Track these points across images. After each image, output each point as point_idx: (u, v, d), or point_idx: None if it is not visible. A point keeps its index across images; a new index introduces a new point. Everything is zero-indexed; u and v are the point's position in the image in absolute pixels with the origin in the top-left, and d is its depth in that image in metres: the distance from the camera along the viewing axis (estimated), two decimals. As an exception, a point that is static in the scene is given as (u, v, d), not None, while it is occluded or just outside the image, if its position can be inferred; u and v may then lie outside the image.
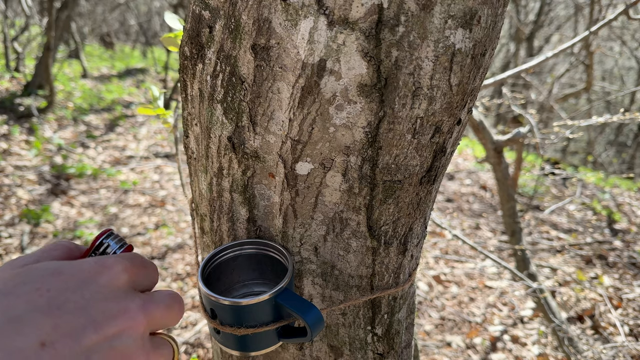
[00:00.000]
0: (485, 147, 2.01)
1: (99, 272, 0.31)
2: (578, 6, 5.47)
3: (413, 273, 0.56)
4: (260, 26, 0.40)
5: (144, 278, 0.35)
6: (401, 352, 0.60)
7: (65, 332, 0.27)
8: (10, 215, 3.00)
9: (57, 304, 0.28)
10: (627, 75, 9.11)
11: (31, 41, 6.84)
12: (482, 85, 1.01)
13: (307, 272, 0.53)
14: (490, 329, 2.42)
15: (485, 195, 4.15)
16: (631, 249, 3.23)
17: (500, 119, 6.87)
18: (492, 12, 0.40)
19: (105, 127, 5.04)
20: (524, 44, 7.37)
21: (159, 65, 8.89)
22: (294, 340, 0.49)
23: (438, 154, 0.46)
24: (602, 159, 7.83)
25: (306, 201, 0.47)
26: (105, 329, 0.29)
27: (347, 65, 0.39)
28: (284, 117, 0.43)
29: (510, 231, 2.19)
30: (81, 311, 0.28)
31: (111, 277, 0.31)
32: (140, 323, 0.31)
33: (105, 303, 0.30)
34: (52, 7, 4.84)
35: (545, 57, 1.53)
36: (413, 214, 0.50)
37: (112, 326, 0.29)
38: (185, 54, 0.52)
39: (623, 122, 1.75)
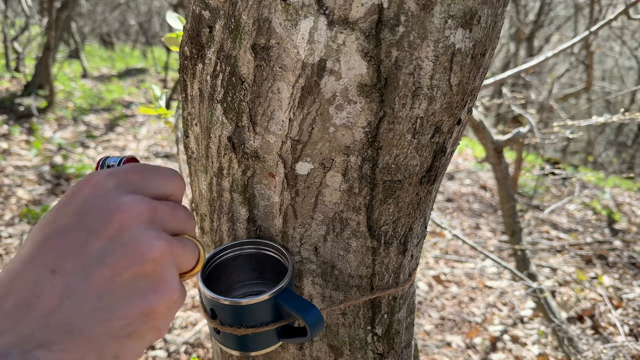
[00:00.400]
0: (485, 147, 2.01)
1: (83, 185, 0.31)
2: (578, 6, 5.47)
3: (413, 273, 0.56)
4: (260, 26, 0.40)
5: (141, 181, 0.32)
6: (401, 352, 0.60)
7: (69, 252, 0.28)
8: (10, 215, 3.00)
9: (57, 232, 0.29)
10: (627, 75, 9.10)
11: (31, 41, 6.84)
12: (482, 85, 1.01)
13: (307, 272, 0.53)
14: (490, 328, 2.42)
15: (485, 195, 4.15)
16: (631, 249, 3.23)
17: (500, 118, 6.87)
18: (492, 12, 0.40)
19: (105, 127, 5.04)
20: (524, 44, 7.37)
21: (159, 65, 8.89)
22: (294, 340, 0.49)
23: (438, 154, 0.46)
24: (602, 158, 7.83)
25: (306, 201, 0.47)
26: (104, 230, 0.29)
27: (347, 65, 0.39)
28: (284, 117, 0.43)
29: (510, 231, 2.19)
30: (76, 227, 0.29)
31: (96, 185, 0.30)
32: (140, 211, 0.30)
33: (96, 208, 0.29)
34: (52, 7, 4.84)
35: (545, 57, 1.53)
36: (413, 214, 0.50)
37: (110, 225, 0.29)
38: (185, 54, 0.52)
39: (623, 122, 1.75)
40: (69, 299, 0.27)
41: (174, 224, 0.32)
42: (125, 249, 0.28)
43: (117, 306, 0.28)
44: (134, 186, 0.31)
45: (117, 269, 0.28)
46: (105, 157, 0.38)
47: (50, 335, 0.26)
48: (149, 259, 0.29)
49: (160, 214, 0.31)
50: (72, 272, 0.27)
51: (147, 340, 0.30)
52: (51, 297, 0.26)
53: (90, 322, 0.27)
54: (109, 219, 0.29)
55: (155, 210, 0.31)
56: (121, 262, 0.28)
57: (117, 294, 0.28)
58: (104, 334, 0.27)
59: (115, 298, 0.28)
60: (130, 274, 0.28)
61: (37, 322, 0.26)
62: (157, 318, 0.30)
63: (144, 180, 0.32)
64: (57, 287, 0.27)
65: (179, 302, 0.31)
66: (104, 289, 0.28)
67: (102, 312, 0.27)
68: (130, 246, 0.29)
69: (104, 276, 0.28)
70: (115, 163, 0.37)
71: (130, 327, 0.28)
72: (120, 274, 0.28)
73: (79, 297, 0.27)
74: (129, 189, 0.31)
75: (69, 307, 0.27)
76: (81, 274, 0.27)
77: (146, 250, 0.29)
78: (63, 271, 0.27)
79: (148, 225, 0.30)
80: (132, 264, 0.28)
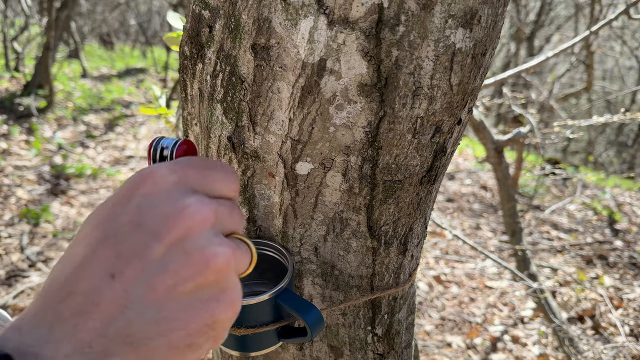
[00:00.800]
0: (486, 147, 2.01)
1: (143, 180, 0.29)
2: (578, 6, 5.47)
3: (413, 273, 0.56)
4: (260, 26, 0.40)
5: (202, 179, 0.30)
6: (401, 353, 0.60)
7: (129, 256, 0.26)
8: (10, 215, 3.00)
9: (112, 233, 0.27)
10: (628, 75, 9.10)
11: (31, 41, 6.84)
12: (483, 85, 1.01)
13: (307, 272, 0.52)
14: (491, 329, 2.42)
15: (485, 195, 4.15)
16: (632, 249, 3.23)
17: (501, 118, 6.87)
18: (492, 12, 0.40)
19: (104, 127, 5.04)
20: (525, 44, 7.37)
21: (158, 65, 8.89)
22: (294, 340, 0.49)
23: (438, 154, 0.46)
24: (602, 158, 7.82)
25: (306, 201, 0.47)
26: (167, 234, 0.27)
27: (347, 64, 0.39)
28: (284, 117, 0.43)
29: (511, 231, 2.18)
30: (137, 228, 0.27)
31: (156, 183, 0.28)
32: (205, 216, 0.28)
33: (158, 209, 0.27)
34: (51, 7, 4.84)
35: (546, 57, 1.53)
36: (413, 214, 0.49)
37: (174, 229, 0.27)
38: (185, 54, 0.52)
39: (623, 122, 1.75)
40: (129, 308, 0.25)
41: (230, 225, 0.31)
42: (190, 257, 0.27)
43: (179, 316, 0.26)
44: (196, 184, 0.30)
45: (180, 277, 0.26)
46: (159, 138, 0.36)
47: (109, 346, 0.25)
48: (213, 269, 0.27)
49: (221, 217, 0.30)
50: (133, 279, 0.26)
51: (204, 349, 0.29)
52: (110, 306, 0.25)
53: (151, 333, 0.26)
54: (172, 222, 0.27)
55: (217, 213, 0.29)
56: (185, 270, 0.27)
57: (179, 304, 0.26)
58: (164, 346, 0.26)
59: (177, 308, 0.26)
60: (193, 284, 0.27)
61: (96, 331, 0.25)
62: (219, 328, 0.28)
63: (205, 178, 0.30)
64: (117, 294, 0.25)
65: (238, 307, 0.30)
66: (165, 298, 0.26)
67: (164, 323, 0.26)
68: (195, 254, 0.27)
69: (166, 284, 0.26)
70: (169, 145, 0.35)
71: (190, 338, 0.27)
72: (183, 283, 0.27)
73: (140, 306, 0.26)
74: (191, 188, 0.29)
75: (129, 317, 0.25)
76: (142, 281, 0.26)
77: (211, 259, 0.27)
78: (123, 277, 0.26)
79: (212, 231, 0.28)
80: (197, 274, 0.27)
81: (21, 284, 2.39)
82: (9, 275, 2.45)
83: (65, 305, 0.25)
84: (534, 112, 2.13)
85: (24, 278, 2.44)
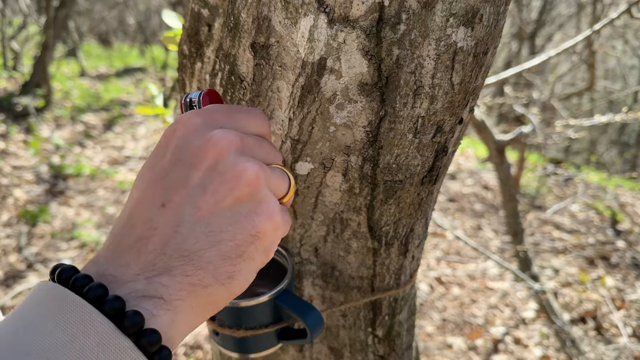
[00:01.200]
0: (488, 146, 2.01)
1: (175, 128, 0.33)
2: (580, 5, 5.46)
3: (414, 274, 0.56)
4: (259, 24, 0.39)
5: (227, 119, 0.35)
6: (402, 354, 0.59)
7: (173, 187, 0.31)
8: (8, 216, 3.00)
9: (157, 173, 0.32)
10: (630, 74, 9.10)
11: (29, 40, 6.84)
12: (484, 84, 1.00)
13: (307, 273, 0.52)
14: (492, 330, 2.42)
15: (487, 196, 4.15)
16: (634, 250, 3.22)
17: (503, 118, 6.87)
18: (494, 11, 0.40)
19: (103, 126, 5.04)
20: (526, 43, 7.36)
21: (157, 64, 8.89)
22: (293, 342, 0.49)
23: (440, 154, 0.45)
24: (604, 159, 7.82)
25: (306, 201, 0.47)
26: (201, 162, 0.31)
27: (348, 63, 0.38)
28: (284, 117, 0.42)
29: (513, 232, 2.18)
30: (176, 164, 0.32)
31: (186, 125, 0.33)
32: (230, 141, 0.32)
33: (190, 146, 0.32)
34: (50, 6, 4.84)
35: (548, 56, 1.53)
36: (414, 215, 0.49)
37: (205, 156, 0.31)
38: (184, 53, 0.51)
39: (626, 121, 1.74)
40: (181, 227, 0.30)
41: (261, 154, 0.35)
42: (223, 175, 0.31)
43: (225, 229, 0.30)
44: (221, 123, 0.34)
45: (220, 194, 0.31)
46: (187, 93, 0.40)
47: (169, 262, 0.29)
48: (245, 182, 0.31)
49: (248, 145, 0.34)
50: (180, 204, 0.30)
51: (257, 261, 0.32)
52: (165, 228, 0.29)
53: (203, 246, 0.29)
54: (203, 151, 0.31)
55: (243, 140, 0.33)
56: (222, 187, 0.31)
57: (223, 218, 0.31)
58: (216, 256, 0.30)
59: (222, 222, 0.30)
60: (232, 198, 0.31)
61: (157, 251, 0.29)
62: (264, 238, 0.32)
63: (229, 118, 0.35)
64: (169, 218, 0.30)
65: (282, 224, 0.34)
66: (210, 214, 0.30)
67: (212, 236, 0.30)
68: (227, 172, 0.31)
69: (208, 203, 0.30)
70: (195, 97, 0.39)
71: (239, 248, 0.31)
72: (223, 199, 0.31)
73: (190, 224, 0.30)
74: (217, 125, 0.34)
75: (183, 234, 0.29)
76: (188, 204, 0.30)
77: (241, 173, 0.31)
78: (172, 204, 0.30)
79: (239, 152, 0.32)
80: (232, 188, 0.31)
81: (19, 284, 2.39)
82: (7, 276, 2.45)
83: (129, 237, 0.30)
84: (536, 112, 2.12)
85: (22, 279, 2.44)
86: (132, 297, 0.27)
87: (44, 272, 2.50)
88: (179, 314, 0.29)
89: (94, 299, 0.26)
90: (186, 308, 0.29)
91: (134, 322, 0.26)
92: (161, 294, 0.28)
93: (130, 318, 0.26)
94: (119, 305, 0.26)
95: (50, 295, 0.26)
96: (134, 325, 0.26)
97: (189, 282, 0.29)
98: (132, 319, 0.26)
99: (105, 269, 0.29)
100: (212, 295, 0.30)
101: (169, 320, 0.28)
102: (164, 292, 0.28)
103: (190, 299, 0.29)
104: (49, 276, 0.29)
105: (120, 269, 0.28)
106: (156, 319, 0.27)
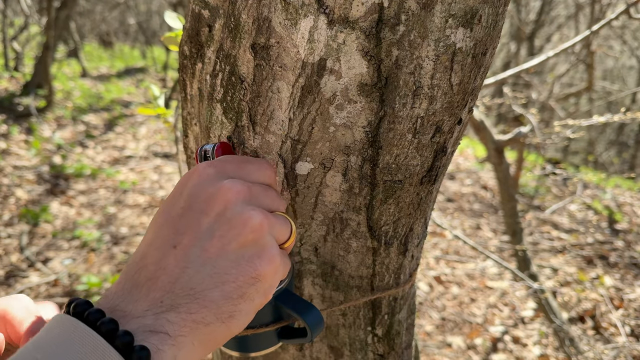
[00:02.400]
0: (486, 146, 2.01)
1: (189, 177, 0.37)
2: (579, 5, 5.47)
3: (414, 273, 0.56)
4: (260, 25, 0.40)
5: (236, 170, 0.38)
6: (402, 353, 0.59)
7: (185, 230, 0.33)
8: (9, 215, 3.00)
9: (171, 217, 0.34)
10: (628, 75, 9.09)
11: (30, 40, 6.84)
12: (483, 85, 1.01)
13: (307, 272, 0.52)
14: (491, 329, 2.42)
15: (486, 196, 4.15)
16: (632, 249, 3.22)
17: (501, 118, 6.87)
18: (493, 11, 0.40)
19: (104, 126, 5.03)
20: (525, 43, 7.36)
21: (158, 65, 8.88)
22: (294, 341, 0.49)
23: (439, 154, 0.46)
24: (603, 158, 7.82)
25: (306, 201, 0.47)
26: (211, 209, 0.34)
27: (348, 64, 0.39)
28: (284, 117, 0.43)
29: (511, 231, 2.18)
30: (188, 210, 0.34)
31: (199, 175, 0.36)
32: (238, 190, 0.35)
33: (202, 193, 0.35)
34: (51, 7, 4.83)
35: (546, 56, 1.53)
36: (414, 214, 0.49)
37: (215, 204, 0.34)
38: (184, 53, 0.51)
39: (624, 121, 1.74)
40: (189, 268, 0.32)
41: (266, 202, 0.37)
42: (230, 222, 0.34)
43: (229, 271, 0.32)
44: (232, 173, 0.37)
45: (226, 239, 0.33)
46: (203, 144, 0.45)
47: (176, 299, 0.31)
48: (250, 229, 0.34)
49: (255, 193, 0.36)
50: (189, 246, 0.33)
51: (256, 302, 0.34)
52: (174, 268, 0.32)
53: (208, 285, 0.32)
54: (214, 199, 0.34)
55: (250, 190, 0.36)
56: (228, 233, 0.33)
57: (228, 261, 0.33)
58: (220, 296, 0.32)
59: (227, 265, 0.33)
60: (237, 244, 0.33)
61: (165, 289, 0.31)
62: (264, 281, 0.34)
63: (240, 169, 0.38)
64: (179, 258, 0.32)
65: (281, 268, 0.36)
66: (217, 257, 0.33)
67: (217, 277, 0.32)
68: (234, 219, 0.34)
69: (215, 247, 0.33)
70: (210, 148, 0.43)
71: (241, 289, 0.33)
72: (229, 243, 0.33)
73: (197, 265, 0.32)
74: (228, 175, 0.37)
75: (190, 274, 0.32)
76: (197, 246, 0.33)
77: (247, 220, 0.34)
78: (182, 246, 0.33)
79: (246, 201, 0.35)
80: (238, 234, 0.33)
81: (20, 284, 2.39)
82: (8, 275, 2.45)
83: (140, 275, 0.32)
84: (535, 112, 2.13)
85: (23, 278, 2.44)
86: (140, 332, 0.29)
87: (45, 272, 2.50)
88: (181, 350, 0.30)
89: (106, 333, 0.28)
90: (188, 344, 0.31)
91: (140, 356, 0.28)
92: (167, 330, 0.30)
93: (138, 352, 0.28)
94: (128, 339, 0.28)
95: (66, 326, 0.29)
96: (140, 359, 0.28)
97: (192, 320, 0.31)
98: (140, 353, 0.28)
99: (117, 304, 0.31)
100: (213, 333, 0.32)
101: (172, 355, 0.30)
102: (170, 328, 0.30)
103: (192, 335, 0.31)
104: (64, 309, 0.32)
105: (130, 305, 0.30)
106: (161, 354, 0.29)
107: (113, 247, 2.79)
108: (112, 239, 2.88)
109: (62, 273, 2.49)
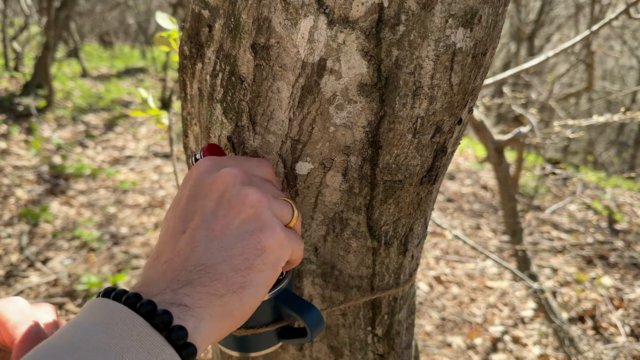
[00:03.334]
0: (486, 146, 2.01)
1: (188, 176, 0.40)
2: (579, 5, 5.47)
3: (413, 273, 0.56)
4: (260, 25, 0.40)
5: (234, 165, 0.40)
6: (402, 353, 0.59)
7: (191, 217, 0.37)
8: (9, 215, 2.99)
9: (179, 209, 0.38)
10: (628, 75, 9.09)
11: (30, 40, 6.83)
12: (483, 85, 1.01)
13: (307, 272, 0.52)
14: (491, 329, 2.42)
15: (486, 196, 4.15)
16: (632, 249, 3.22)
17: (501, 118, 6.87)
18: (493, 12, 0.40)
19: (104, 126, 5.03)
20: (525, 44, 7.36)
21: (158, 65, 8.88)
22: (294, 341, 0.49)
23: (439, 154, 0.46)
24: (603, 158, 7.82)
25: (306, 201, 0.47)
26: (212, 194, 0.38)
27: (348, 64, 0.39)
28: (284, 117, 0.43)
29: (511, 231, 2.18)
30: (193, 199, 0.38)
31: (199, 169, 0.40)
32: (235, 174, 0.38)
33: (203, 182, 0.39)
34: (51, 7, 4.83)
35: (546, 56, 1.53)
36: (414, 214, 0.49)
37: (215, 189, 0.38)
38: (184, 53, 0.51)
39: (624, 121, 1.74)
40: (198, 247, 0.35)
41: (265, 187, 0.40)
42: (230, 202, 0.37)
43: (235, 245, 0.35)
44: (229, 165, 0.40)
45: (229, 218, 0.36)
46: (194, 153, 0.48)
47: (189, 275, 0.34)
48: (249, 204, 0.37)
49: (252, 180, 0.39)
50: (197, 229, 0.36)
51: (266, 273, 0.36)
52: (186, 249, 0.35)
53: (217, 259, 0.34)
54: (214, 185, 0.38)
55: (247, 175, 0.39)
56: (230, 212, 0.37)
57: (233, 236, 0.36)
58: (228, 269, 0.34)
59: (232, 240, 0.36)
60: (239, 220, 0.36)
61: (179, 268, 0.34)
62: (270, 252, 0.36)
63: (237, 165, 0.41)
64: (189, 241, 0.36)
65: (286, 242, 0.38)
66: (222, 234, 0.36)
67: (224, 252, 0.35)
68: (234, 199, 0.37)
69: (220, 225, 0.36)
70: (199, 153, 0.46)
71: (248, 262, 0.35)
72: (232, 221, 0.36)
73: (205, 243, 0.35)
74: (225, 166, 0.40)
75: (200, 252, 0.35)
76: (204, 228, 0.36)
77: (245, 198, 0.37)
78: (190, 230, 0.36)
79: (244, 183, 0.38)
80: (239, 212, 0.37)
81: (20, 284, 2.39)
82: (8, 275, 2.45)
83: (158, 263, 0.35)
84: (535, 112, 2.13)
85: (23, 278, 2.44)
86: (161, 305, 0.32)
87: (45, 272, 2.50)
88: (201, 321, 0.33)
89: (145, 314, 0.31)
90: (206, 316, 0.33)
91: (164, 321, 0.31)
92: (185, 302, 0.32)
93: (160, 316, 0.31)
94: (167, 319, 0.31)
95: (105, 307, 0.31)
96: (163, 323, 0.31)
97: (207, 292, 0.33)
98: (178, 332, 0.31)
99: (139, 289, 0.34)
100: (227, 305, 0.34)
101: (194, 325, 0.32)
102: (187, 300, 0.33)
103: (209, 307, 0.33)
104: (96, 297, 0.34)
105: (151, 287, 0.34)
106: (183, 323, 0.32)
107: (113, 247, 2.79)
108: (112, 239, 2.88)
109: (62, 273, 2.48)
